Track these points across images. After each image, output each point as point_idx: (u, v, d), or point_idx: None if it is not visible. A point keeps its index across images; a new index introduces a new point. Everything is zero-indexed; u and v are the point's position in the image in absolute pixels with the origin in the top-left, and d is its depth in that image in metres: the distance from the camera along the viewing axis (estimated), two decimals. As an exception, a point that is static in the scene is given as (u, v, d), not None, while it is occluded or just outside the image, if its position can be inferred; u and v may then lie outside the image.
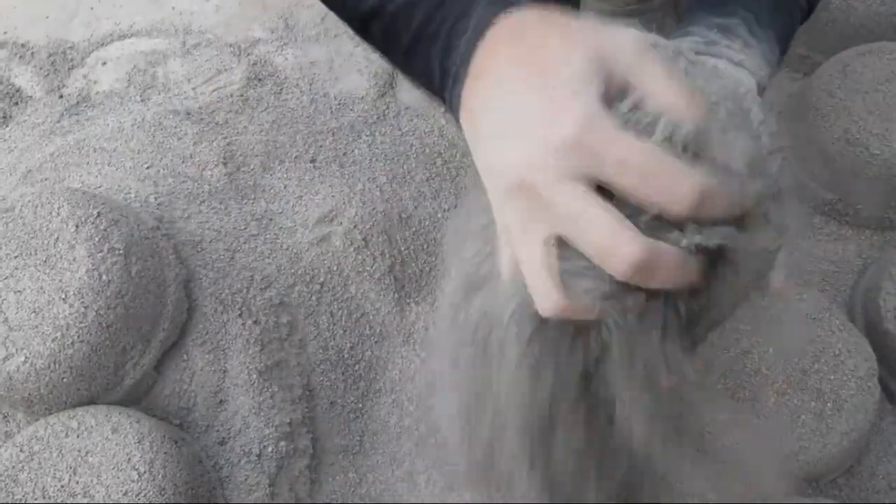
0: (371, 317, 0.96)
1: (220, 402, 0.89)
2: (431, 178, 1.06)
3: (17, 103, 1.20)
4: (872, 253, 0.98)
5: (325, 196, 1.04)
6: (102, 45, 1.25)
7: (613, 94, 0.41)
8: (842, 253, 0.98)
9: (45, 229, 0.87)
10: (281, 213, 1.04)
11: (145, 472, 0.77)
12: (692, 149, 0.39)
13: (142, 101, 1.17)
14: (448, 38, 0.51)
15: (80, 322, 0.83)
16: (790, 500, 0.80)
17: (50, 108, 1.18)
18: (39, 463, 0.78)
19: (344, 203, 1.03)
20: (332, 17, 1.27)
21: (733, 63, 0.55)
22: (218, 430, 0.88)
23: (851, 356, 0.80)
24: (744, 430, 0.61)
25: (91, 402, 0.86)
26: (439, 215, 1.02)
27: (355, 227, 1.00)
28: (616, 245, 0.39)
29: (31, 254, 0.86)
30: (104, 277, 0.84)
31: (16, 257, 0.86)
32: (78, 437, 0.79)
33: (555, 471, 0.51)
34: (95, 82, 1.21)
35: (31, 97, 1.20)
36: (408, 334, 0.96)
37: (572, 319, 0.42)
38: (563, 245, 0.41)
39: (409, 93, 1.16)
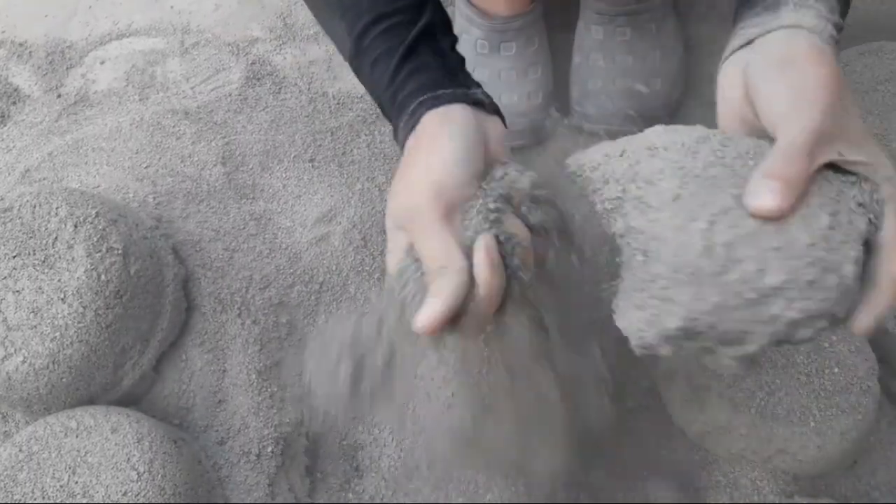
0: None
1: (220, 401, 0.89)
2: (431, 177, 1.06)
3: (14, 102, 1.20)
4: (872, 252, 0.98)
5: (324, 196, 1.04)
6: (101, 44, 1.25)
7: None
8: (841, 252, 0.98)
9: (43, 229, 0.87)
10: (280, 212, 1.03)
11: (144, 472, 0.77)
12: None
13: (140, 100, 1.16)
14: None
15: (79, 322, 0.82)
16: (791, 500, 0.80)
17: (48, 107, 1.18)
18: (38, 463, 0.78)
19: (343, 203, 1.03)
20: (331, 17, 1.26)
21: (785, 27, 0.56)
22: (217, 430, 0.88)
23: (851, 356, 0.80)
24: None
25: (90, 402, 0.86)
26: (438, 215, 1.02)
27: (354, 226, 1.00)
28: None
29: (29, 254, 0.86)
30: (103, 277, 0.84)
31: (14, 257, 0.86)
32: (77, 437, 0.79)
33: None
34: (94, 81, 1.20)
35: (28, 96, 1.20)
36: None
37: None
38: None
39: (408, 92, 1.16)
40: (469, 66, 1.03)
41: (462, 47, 1.04)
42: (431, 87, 0.60)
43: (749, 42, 0.58)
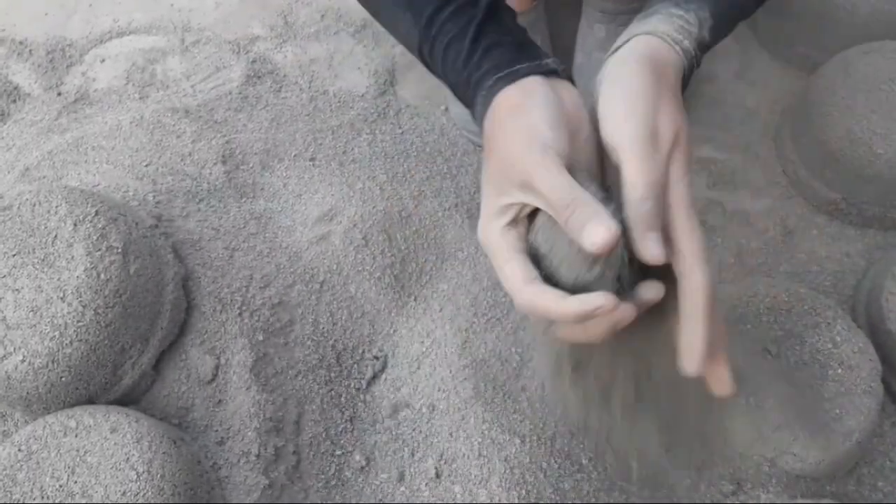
0: (371, 316, 0.96)
1: (219, 402, 0.89)
2: (432, 176, 1.06)
3: (15, 101, 1.19)
4: (876, 252, 0.97)
5: (325, 194, 1.04)
6: (101, 42, 1.24)
7: None
8: (845, 252, 0.98)
9: (43, 228, 0.86)
10: (280, 211, 1.03)
11: (144, 471, 0.77)
12: None
13: (140, 98, 1.16)
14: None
15: (79, 321, 0.82)
16: (794, 500, 0.79)
17: (48, 105, 1.18)
18: (38, 462, 0.78)
19: (343, 202, 1.03)
20: (332, 15, 1.26)
21: (643, 34, 0.61)
22: (216, 430, 0.88)
23: (855, 356, 0.80)
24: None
25: (89, 401, 0.86)
26: (439, 214, 1.02)
27: (355, 225, 0.99)
28: None
29: (28, 252, 0.85)
30: (102, 276, 0.84)
31: (14, 256, 0.85)
32: (76, 436, 0.79)
33: None
34: (94, 80, 1.20)
35: (29, 94, 1.20)
36: (408, 333, 0.95)
37: None
38: None
39: (409, 90, 1.15)
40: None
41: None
42: (507, 64, 0.61)
43: (612, 52, 0.62)
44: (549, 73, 0.61)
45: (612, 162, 0.57)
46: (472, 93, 0.62)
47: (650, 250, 0.52)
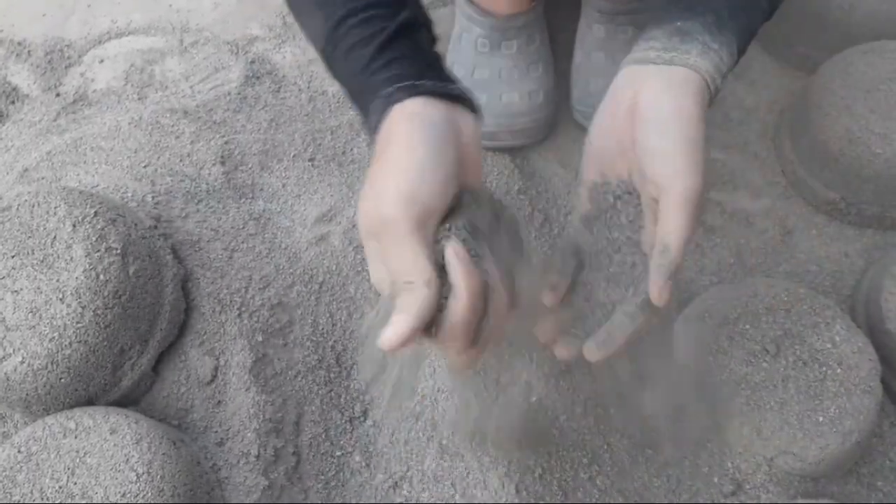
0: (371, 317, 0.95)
1: (219, 402, 0.89)
2: (431, 176, 1.06)
3: (13, 101, 1.19)
4: (875, 252, 0.97)
5: (324, 195, 1.04)
6: (100, 42, 1.24)
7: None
8: (844, 252, 0.98)
9: (41, 229, 0.86)
10: (279, 212, 1.03)
11: (143, 473, 0.77)
12: None
13: (139, 99, 1.16)
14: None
15: (78, 322, 0.82)
16: (793, 501, 0.79)
17: (46, 106, 1.17)
18: (37, 464, 0.78)
19: (343, 202, 1.03)
20: (331, 15, 1.26)
21: (688, 67, 0.61)
22: (216, 431, 0.88)
23: (854, 356, 0.80)
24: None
25: (89, 402, 0.86)
26: (439, 214, 1.02)
27: (354, 226, 1.00)
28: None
29: (27, 253, 0.85)
30: (101, 277, 0.84)
31: (12, 257, 0.85)
32: (76, 437, 0.79)
33: None
34: (92, 80, 1.20)
35: (27, 95, 1.20)
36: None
37: None
38: None
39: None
40: (469, 65, 1.04)
41: (462, 46, 1.04)
42: (411, 77, 0.59)
43: (651, 61, 0.62)
44: (453, 97, 0.59)
45: (647, 190, 0.60)
46: (368, 97, 0.60)
47: (664, 298, 0.58)
